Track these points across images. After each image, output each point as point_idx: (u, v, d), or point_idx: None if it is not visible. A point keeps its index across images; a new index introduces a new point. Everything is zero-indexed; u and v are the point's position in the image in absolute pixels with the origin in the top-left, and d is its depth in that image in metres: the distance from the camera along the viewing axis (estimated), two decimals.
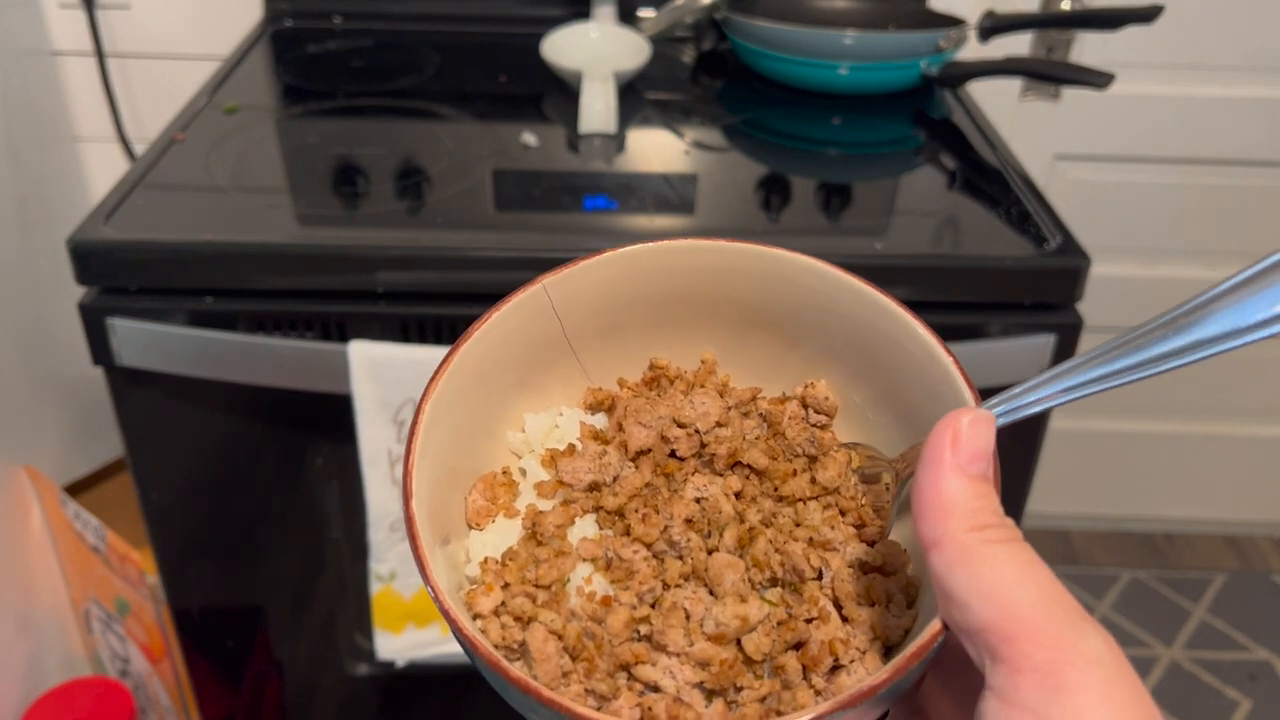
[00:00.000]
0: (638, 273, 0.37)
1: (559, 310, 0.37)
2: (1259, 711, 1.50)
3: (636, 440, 0.36)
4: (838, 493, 0.36)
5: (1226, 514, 1.77)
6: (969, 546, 0.26)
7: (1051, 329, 0.82)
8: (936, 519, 0.27)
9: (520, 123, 1.02)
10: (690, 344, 0.40)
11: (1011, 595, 0.25)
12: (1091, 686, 0.23)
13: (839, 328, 0.37)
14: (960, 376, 0.33)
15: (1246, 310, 0.27)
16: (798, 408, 0.38)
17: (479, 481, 0.36)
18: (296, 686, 1.11)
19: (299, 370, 0.82)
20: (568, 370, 0.39)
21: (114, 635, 1.15)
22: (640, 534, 0.33)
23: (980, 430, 0.28)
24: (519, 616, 0.32)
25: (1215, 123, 1.37)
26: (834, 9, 1.17)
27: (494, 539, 0.35)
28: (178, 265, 0.81)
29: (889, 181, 0.98)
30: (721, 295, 0.38)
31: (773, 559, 0.33)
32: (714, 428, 0.36)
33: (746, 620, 0.31)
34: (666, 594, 0.32)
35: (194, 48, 1.28)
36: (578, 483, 0.35)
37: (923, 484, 0.27)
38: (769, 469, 0.36)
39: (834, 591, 0.33)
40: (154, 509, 0.93)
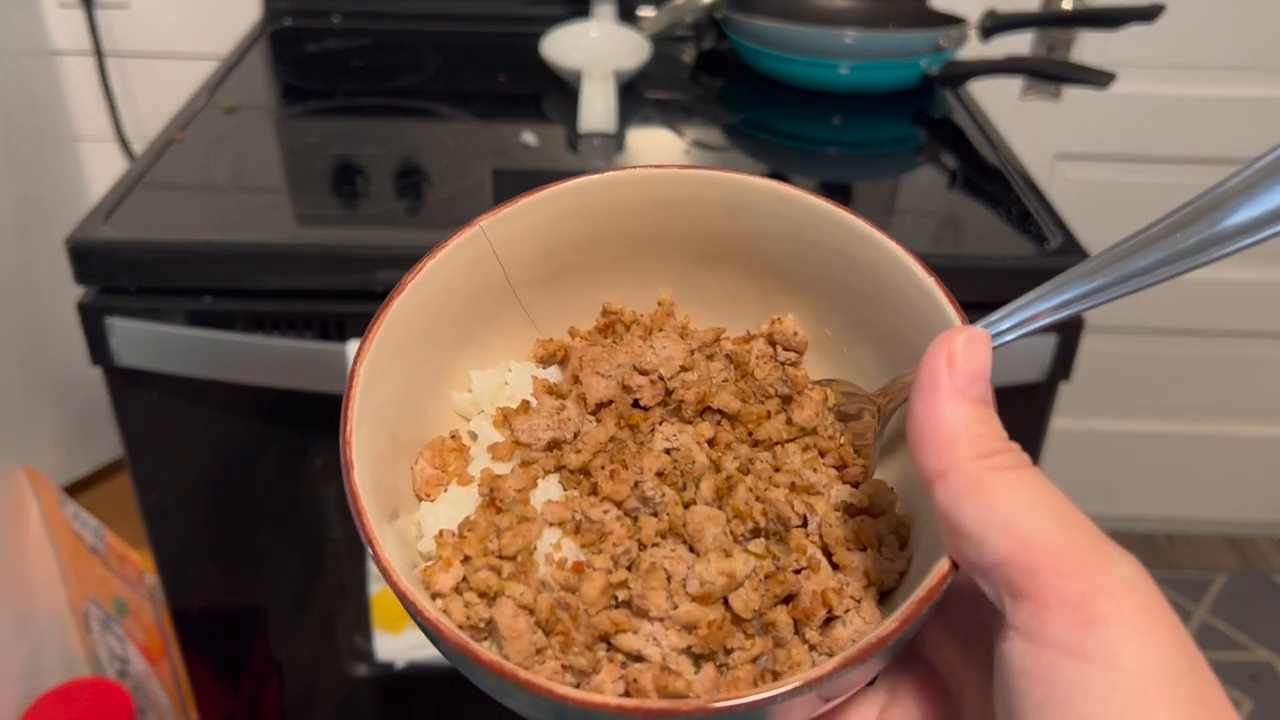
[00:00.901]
0: (584, 208, 0.34)
1: (500, 254, 0.34)
2: (1260, 712, 1.50)
3: (596, 392, 0.33)
4: (815, 433, 0.34)
5: (1227, 514, 1.77)
6: (977, 476, 0.24)
7: (1052, 329, 0.82)
8: (939, 449, 0.24)
9: (520, 122, 1.01)
10: (643, 285, 0.37)
11: (1030, 525, 0.23)
12: (1127, 616, 0.21)
13: (805, 255, 0.34)
14: (945, 297, 0.30)
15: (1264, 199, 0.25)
16: (765, 345, 0.36)
17: (425, 448, 0.33)
18: (296, 687, 1.11)
19: (298, 370, 0.82)
20: (513, 321, 0.36)
21: (113, 635, 1.15)
22: (609, 492, 0.31)
23: (977, 350, 0.25)
24: (484, 592, 0.29)
25: (1216, 122, 1.37)
26: (834, 8, 1.17)
27: (448, 509, 0.32)
28: (177, 265, 0.81)
29: (889, 181, 0.97)
30: (676, 229, 0.35)
31: (754, 508, 0.31)
32: (678, 373, 0.34)
33: (733, 576, 0.29)
34: (643, 554, 0.30)
35: (193, 47, 1.28)
36: (536, 442, 0.33)
37: (920, 413, 0.25)
38: (741, 412, 0.33)
39: (822, 538, 0.31)
40: (153, 509, 0.93)
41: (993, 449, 0.24)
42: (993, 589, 0.24)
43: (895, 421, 0.33)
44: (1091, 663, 0.21)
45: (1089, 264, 0.27)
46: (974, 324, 0.28)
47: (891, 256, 0.31)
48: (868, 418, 0.33)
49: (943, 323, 0.30)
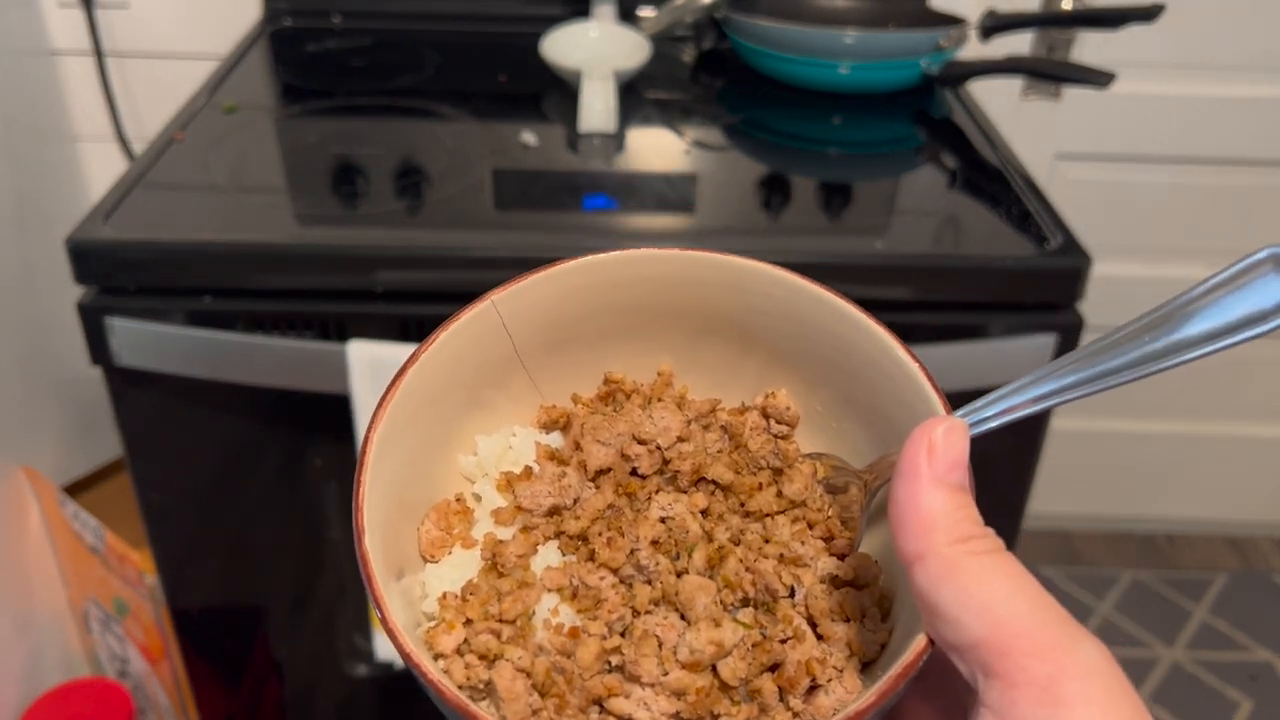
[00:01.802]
0: (588, 285, 0.36)
1: (509, 327, 0.36)
2: (1260, 712, 1.50)
3: (596, 459, 0.35)
4: (805, 505, 0.35)
5: (1227, 514, 1.77)
6: (954, 560, 0.25)
7: (1052, 329, 0.82)
8: (918, 533, 0.26)
9: (520, 122, 1.01)
10: (644, 355, 0.39)
11: (1003, 609, 0.24)
12: (1091, 699, 0.23)
13: (796, 333, 0.36)
14: (928, 382, 0.32)
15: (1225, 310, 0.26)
16: (759, 418, 0.37)
17: (432, 511, 0.35)
18: (296, 687, 1.11)
19: (298, 370, 0.82)
20: (519, 388, 0.37)
21: (113, 636, 1.15)
22: (606, 559, 0.32)
23: (955, 439, 0.27)
24: (484, 654, 0.30)
25: (1216, 122, 1.37)
26: (834, 8, 1.17)
27: (451, 571, 0.33)
28: (177, 265, 0.81)
29: (889, 181, 0.97)
30: (674, 304, 0.37)
31: (744, 579, 0.32)
32: (675, 443, 0.35)
33: (722, 645, 0.30)
34: (637, 621, 0.31)
35: (193, 47, 1.28)
36: (537, 507, 0.34)
37: (900, 498, 0.26)
38: (734, 484, 0.35)
39: (808, 609, 0.32)
40: (153, 509, 0.93)
41: (969, 534, 0.26)
42: (967, 667, 0.25)
43: (881, 497, 0.34)
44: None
45: (1065, 361, 0.29)
46: (954, 412, 0.30)
47: (876, 339, 0.33)
48: (855, 491, 0.35)
49: (924, 404, 0.31)
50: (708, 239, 0.85)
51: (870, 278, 0.82)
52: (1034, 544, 1.74)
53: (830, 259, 0.82)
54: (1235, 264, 0.27)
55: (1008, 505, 0.93)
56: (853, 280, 0.81)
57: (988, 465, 0.28)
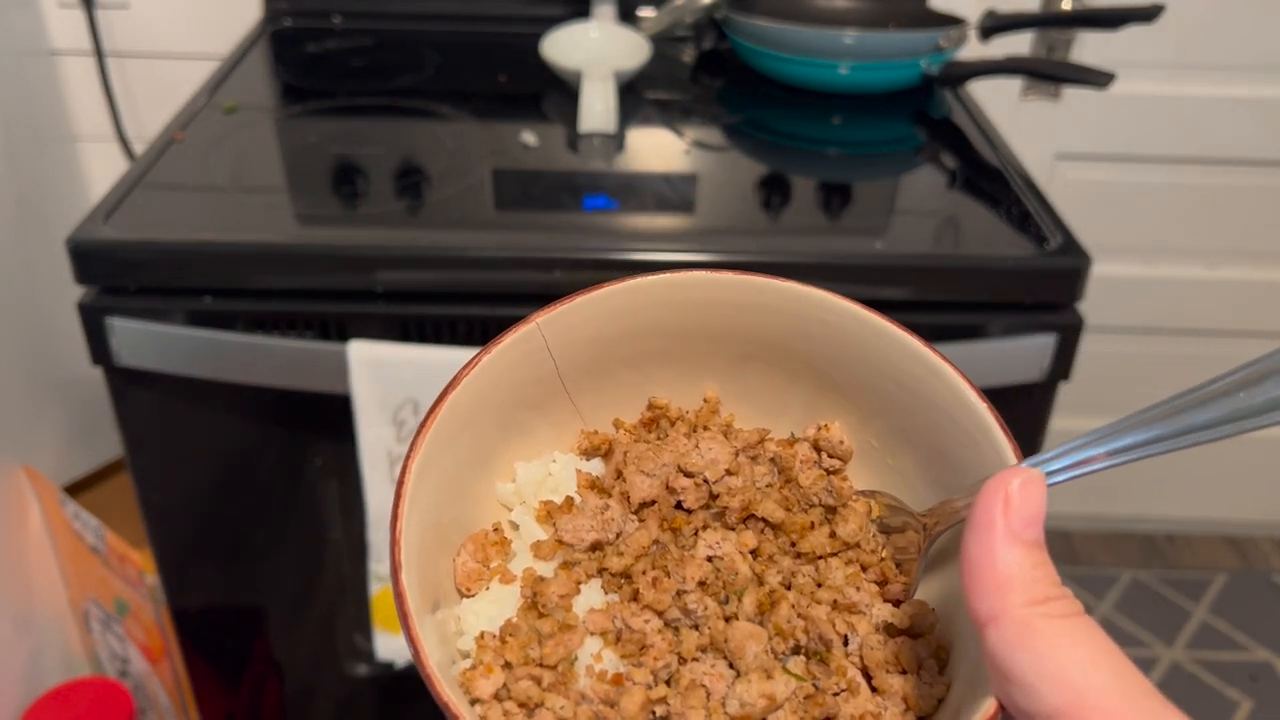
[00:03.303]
0: (635, 307, 0.35)
1: (553, 349, 0.34)
2: (1260, 712, 1.50)
3: (639, 491, 0.33)
4: (858, 547, 0.33)
5: (1227, 514, 1.77)
6: (1031, 623, 0.24)
7: (1052, 329, 0.82)
8: (992, 592, 0.24)
9: (520, 122, 1.01)
10: (688, 379, 0.37)
11: (1083, 679, 0.22)
12: None
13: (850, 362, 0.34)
14: (997, 425, 0.30)
15: None
16: (810, 451, 0.36)
17: (468, 541, 0.33)
18: (296, 686, 1.11)
19: (298, 370, 0.82)
20: (560, 412, 0.36)
21: (113, 635, 1.15)
22: (651, 601, 0.31)
23: (1033, 493, 0.25)
24: (524, 702, 0.29)
25: (1215, 123, 1.37)
26: (834, 8, 1.17)
27: (489, 607, 0.32)
28: (177, 265, 0.81)
29: (889, 181, 0.97)
30: (722, 329, 0.36)
31: (797, 626, 0.31)
32: (723, 476, 0.34)
33: (774, 699, 0.28)
34: (683, 669, 0.30)
35: (193, 47, 1.28)
36: (579, 543, 0.33)
37: (974, 553, 0.25)
38: (785, 522, 0.33)
39: (862, 660, 0.31)
40: (153, 509, 0.93)
41: (1047, 595, 0.24)
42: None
43: (941, 544, 0.33)
44: None
45: (1148, 413, 0.27)
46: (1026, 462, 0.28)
47: (941, 375, 0.32)
48: (911, 534, 0.33)
49: (991, 448, 0.30)
50: (708, 239, 0.85)
51: (870, 278, 0.82)
52: None
53: (830, 259, 0.82)
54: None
55: None
56: (853, 280, 0.81)
57: None
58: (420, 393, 0.81)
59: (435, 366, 0.79)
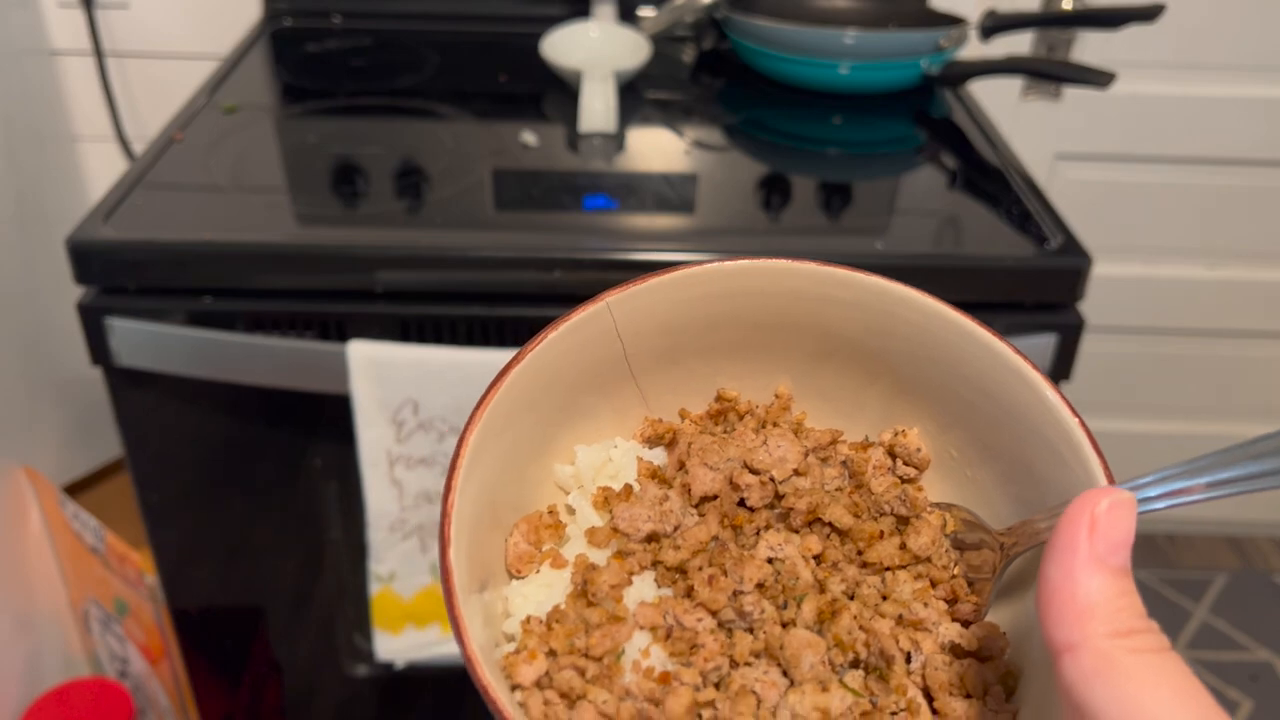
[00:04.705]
0: (708, 294, 0.33)
1: (621, 331, 0.33)
2: (1260, 712, 1.50)
3: (701, 484, 0.32)
4: (929, 561, 0.32)
5: (1227, 514, 1.77)
6: (1113, 656, 0.22)
7: (1053, 329, 0.82)
8: (1072, 620, 0.23)
9: (520, 122, 1.01)
10: (760, 373, 0.36)
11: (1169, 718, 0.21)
12: None
13: (933, 366, 0.33)
14: (1088, 442, 0.28)
15: None
16: (884, 457, 0.34)
17: (521, 522, 0.32)
18: (296, 687, 1.11)
19: (298, 370, 0.82)
20: (625, 398, 0.35)
21: (113, 636, 1.15)
22: (706, 599, 0.29)
23: (1122, 516, 0.24)
24: (565, 693, 0.28)
25: (1216, 123, 1.37)
26: (834, 8, 1.17)
27: (537, 592, 0.31)
28: (176, 265, 0.81)
29: (889, 181, 0.97)
30: (801, 321, 0.34)
31: (857, 639, 0.29)
32: (791, 476, 0.32)
33: (828, 713, 0.27)
34: (734, 673, 0.29)
35: (193, 47, 1.28)
36: (635, 532, 0.31)
37: (1054, 576, 0.24)
38: (853, 529, 0.32)
39: (924, 679, 0.29)
40: (153, 509, 0.93)
41: (1131, 627, 0.23)
42: None
43: (1018, 566, 0.31)
44: None
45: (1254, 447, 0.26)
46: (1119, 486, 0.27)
47: (1036, 390, 0.30)
48: (986, 552, 0.31)
49: (1081, 467, 0.28)
50: (708, 239, 0.85)
51: None
52: None
53: (830, 259, 0.82)
54: None
55: None
56: None
57: None
58: (420, 393, 0.81)
59: (435, 367, 0.79)
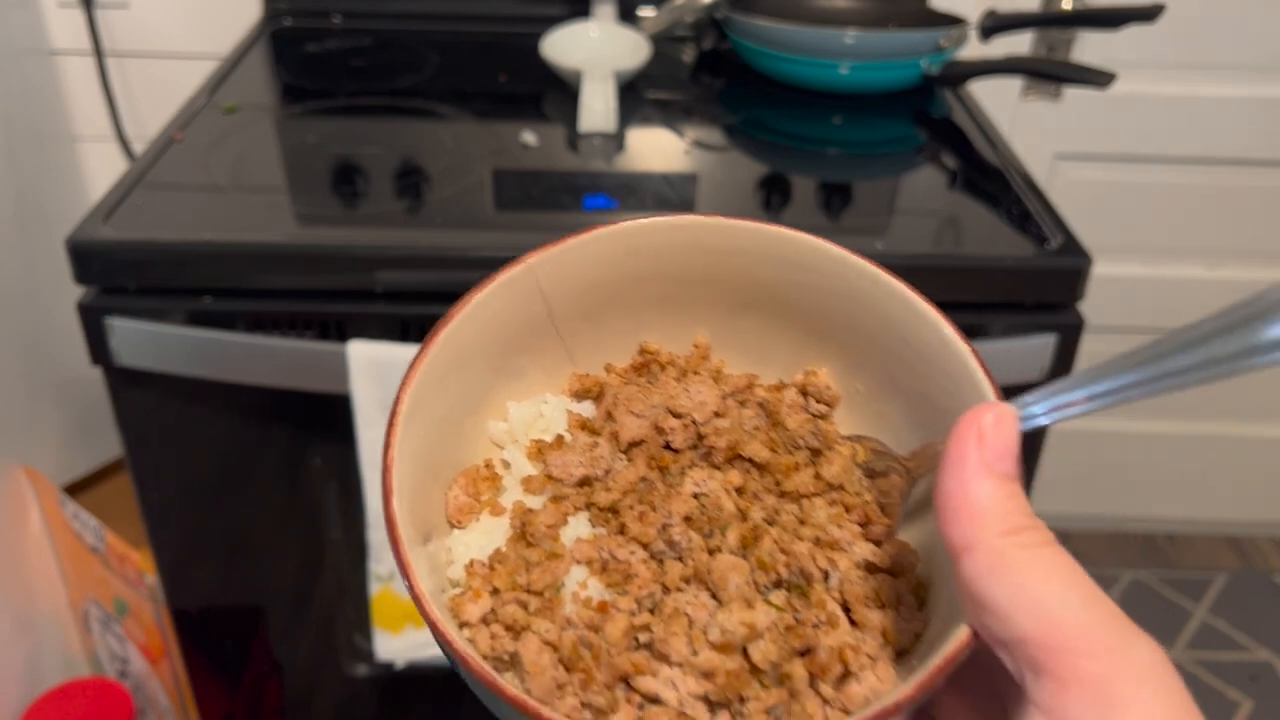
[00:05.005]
0: (628, 251, 0.35)
1: (545, 291, 0.35)
2: (1260, 712, 1.50)
3: (629, 431, 0.34)
4: (842, 488, 0.34)
5: (1227, 514, 1.77)
6: (1004, 552, 0.24)
7: (1053, 329, 0.82)
8: (966, 523, 0.25)
9: (520, 122, 1.01)
10: (680, 326, 0.38)
11: (1056, 605, 0.23)
12: (1146, 701, 0.22)
13: (840, 310, 0.35)
14: (979, 368, 0.31)
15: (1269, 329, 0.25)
16: (797, 396, 0.36)
17: (460, 476, 0.34)
18: (296, 687, 1.11)
19: (298, 370, 0.82)
20: (552, 355, 0.37)
21: (113, 636, 1.15)
22: (637, 533, 0.32)
23: (1006, 427, 0.26)
24: (510, 625, 0.30)
25: (1216, 123, 1.37)
26: (834, 8, 1.17)
27: (478, 539, 0.33)
28: (176, 265, 0.81)
29: (889, 181, 0.97)
30: (715, 275, 0.36)
31: (778, 560, 0.31)
32: (711, 418, 0.35)
33: (754, 627, 0.29)
34: (667, 598, 0.31)
35: (193, 47, 1.28)
36: (568, 477, 0.33)
37: (949, 486, 0.26)
38: (770, 463, 0.34)
39: (842, 594, 0.31)
40: (153, 509, 0.93)
41: (1019, 525, 0.25)
42: (1014, 663, 0.24)
43: (923, 487, 0.33)
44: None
45: (1128, 359, 0.27)
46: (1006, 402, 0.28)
47: (928, 320, 0.32)
48: (895, 477, 0.34)
49: (974, 390, 0.30)
50: None
51: None
52: None
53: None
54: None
55: None
56: None
57: None
58: None
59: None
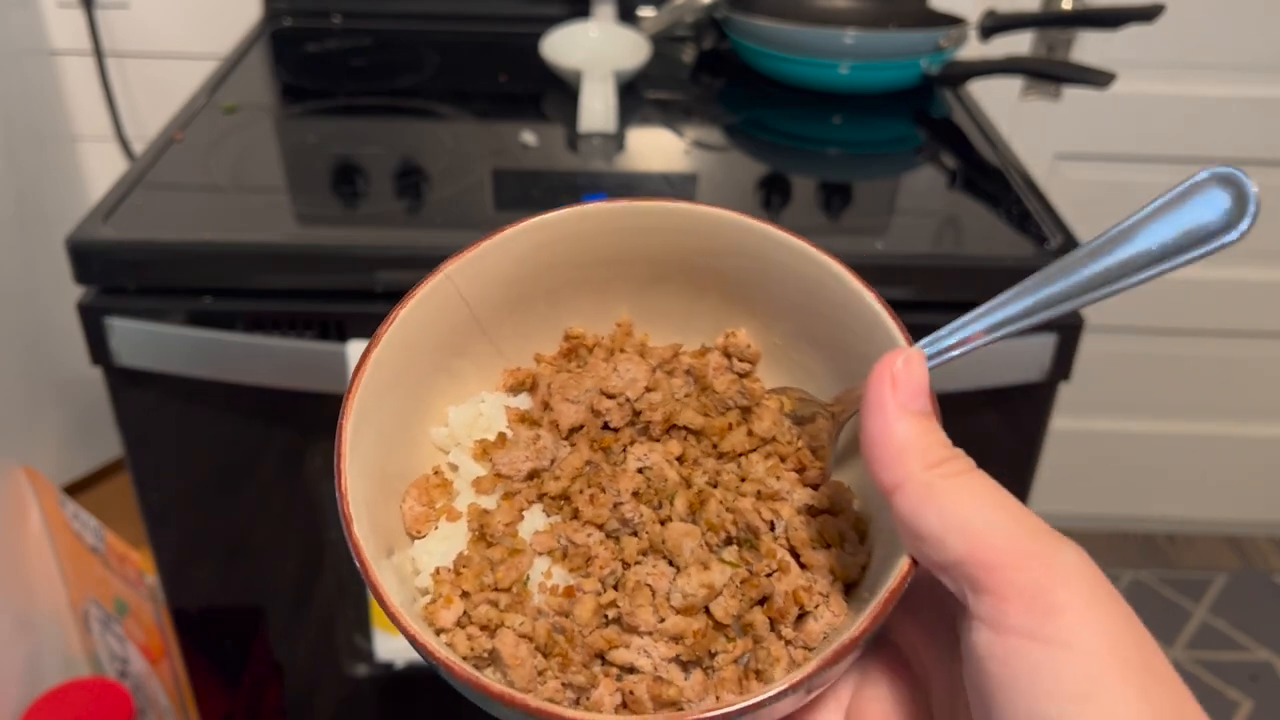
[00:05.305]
0: (536, 245, 0.36)
1: (466, 295, 0.36)
2: (1260, 712, 1.50)
3: (567, 418, 0.36)
4: (775, 440, 0.36)
5: (1227, 514, 1.77)
6: (931, 483, 0.26)
7: (1053, 329, 0.82)
8: (893, 462, 0.27)
9: (520, 122, 1.01)
10: (601, 308, 0.39)
11: (984, 526, 0.25)
12: (1077, 600, 0.24)
13: (749, 271, 0.36)
14: (886, 313, 0.33)
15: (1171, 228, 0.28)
16: (721, 358, 0.38)
17: (412, 487, 0.35)
18: (296, 687, 1.11)
19: (298, 370, 0.82)
20: (483, 354, 0.38)
21: (113, 636, 1.15)
22: (591, 516, 0.33)
23: (915, 368, 0.28)
24: (485, 625, 0.31)
25: (1215, 123, 1.37)
26: (834, 8, 1.17)
27: (440, 545, 0.34)
28: (176, 265, 0.81)
29: (889, 181, 0.97)
30: (627, 254, 0.37)
31: (726, 519, 0.33)
32: (643, 393, 0.36)
33: (712, 587, 0.31)
34: (628, 573, 0.32)
35: (193, 47, 1.28)
36: (516, 473, 0.35)
37: (872, 430, 0.27)
38: (705, 427, 0.36)
39: (789, 540, 0.33)
40: (153, 509, 0.93)
41: (941, 457, 0.27)
42: (954, 584, 0.26)
43: (848, 428, 0.35)
44: (1052, 645, 0.24)
45: (1017, 289, 0.30)
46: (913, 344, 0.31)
47: (830, 271, 0.34)
48: (821, 421, 0.36)
49: (884, 334, 0.32)
50: None
51: (870, 278, 0.81)
52: None
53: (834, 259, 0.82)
54: (1180, 185, 0.28)
55: None
56: None
57: (988, 465, 0.28)
58: None
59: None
